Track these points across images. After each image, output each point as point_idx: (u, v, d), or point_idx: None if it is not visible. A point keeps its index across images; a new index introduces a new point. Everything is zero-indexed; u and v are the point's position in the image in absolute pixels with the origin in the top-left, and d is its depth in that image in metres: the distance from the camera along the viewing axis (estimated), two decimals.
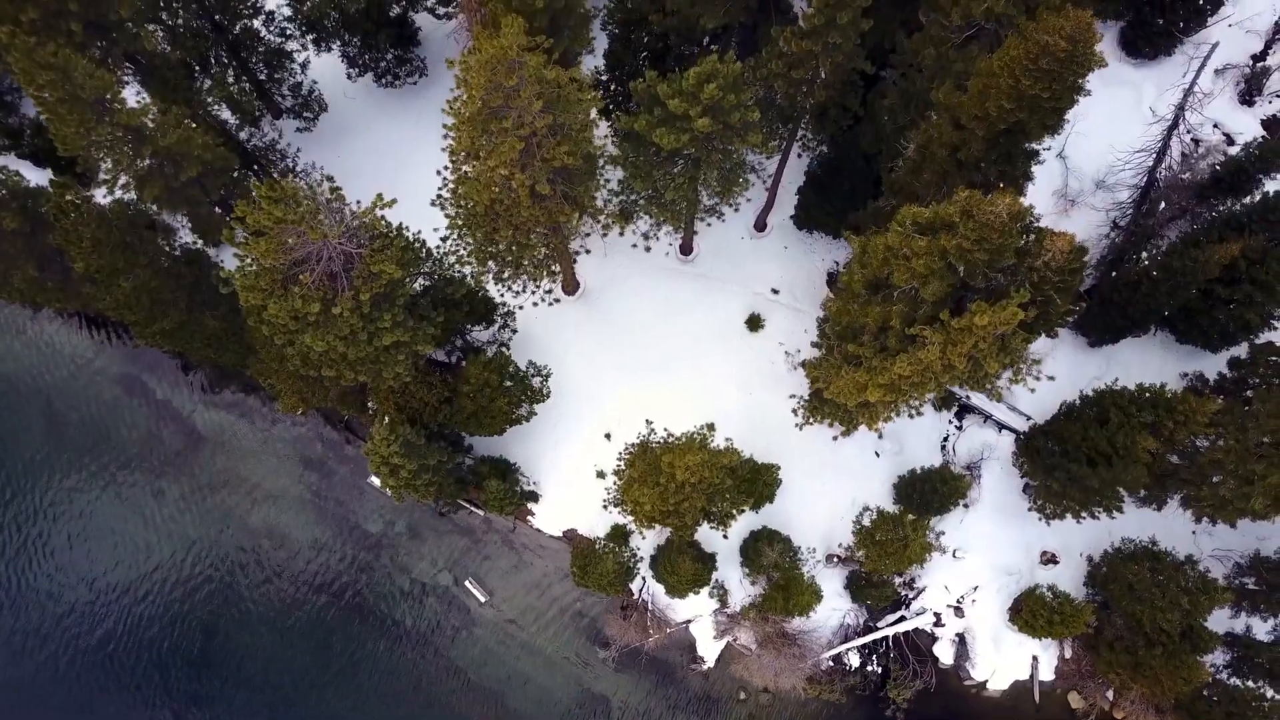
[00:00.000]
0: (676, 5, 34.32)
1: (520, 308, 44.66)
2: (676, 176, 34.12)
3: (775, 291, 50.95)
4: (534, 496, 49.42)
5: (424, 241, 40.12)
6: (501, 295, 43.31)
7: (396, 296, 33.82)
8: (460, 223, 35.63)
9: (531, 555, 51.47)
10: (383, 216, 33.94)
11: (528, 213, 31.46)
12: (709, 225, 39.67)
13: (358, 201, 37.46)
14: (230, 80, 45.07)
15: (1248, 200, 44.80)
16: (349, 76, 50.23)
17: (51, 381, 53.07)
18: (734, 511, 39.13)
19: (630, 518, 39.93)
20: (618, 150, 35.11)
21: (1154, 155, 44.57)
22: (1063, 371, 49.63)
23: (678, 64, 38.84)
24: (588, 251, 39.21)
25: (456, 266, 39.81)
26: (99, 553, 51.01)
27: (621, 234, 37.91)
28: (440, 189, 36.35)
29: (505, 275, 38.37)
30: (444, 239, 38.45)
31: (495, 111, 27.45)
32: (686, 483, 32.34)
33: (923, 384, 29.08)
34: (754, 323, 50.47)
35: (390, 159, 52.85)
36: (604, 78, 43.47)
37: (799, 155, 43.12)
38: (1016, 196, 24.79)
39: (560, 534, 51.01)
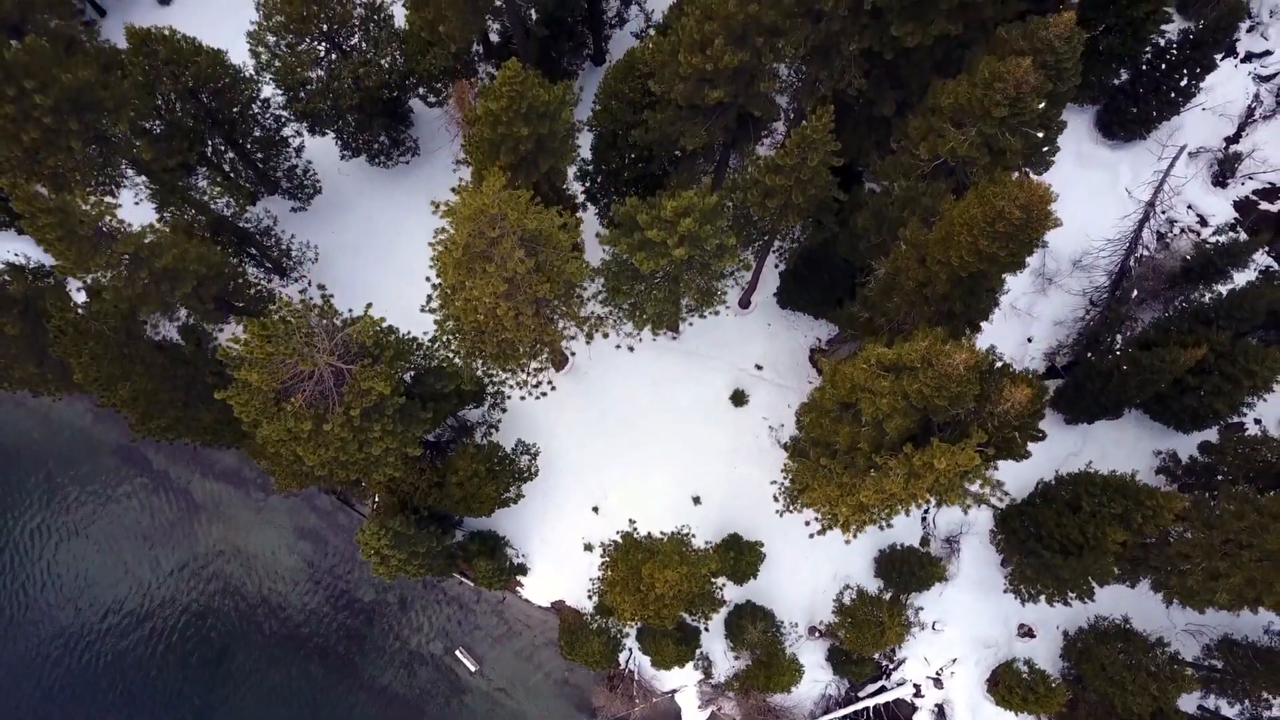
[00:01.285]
0: (657, 124, 35.45)
1: (509, 398, 45.81)
2: (656, 291, 35.26)
3: (759, 367, 52.09)
4: (523, 569, 50.58)
5: (415, 339, 41.40)
6: (490, 380, 44.40)
7: (386, 407, 34.90)
8: (448, 328, 36.71)
9: (520, 625, 52.54)
10: (374, 319, 35.00)
11: (512, 333, 32.56)
12: (690, 324, 40.79)
13: (349, 310, 38.85)
14: (227, 167, 46.31)
15: (1219, 288, 46.20)
16: (342, 157, 51.34)
17: (51, 451, 54.17)
18: (712, 612, 40.11)
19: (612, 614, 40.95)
20: (599, 264, 36.24)
21: (1127, 244, 45.78)
22: (1040, 448, 50.77)
23: (661, 171, 40.12)
24: (573, 354, 40.32)
25: (446, 358, 40.88)
26: (95, 619, 52.07)
27: (605, 337, 38.96)
28: (430, 295, 37.43)
29: (494, 371, 39.48)
30: (433, 340, 39.53)
31: (479, 255, 28.57)
32: (665, 595, 33.40)
33: (890, 508, 30.18)
34: (738, 398, 51.58)
35: (383, 234, 54.23)
36: (589, 169, 44.65)
37: (777, 253, 44.26)
38: (974, 348, 25.88)
39: (549, 605, 52.08)
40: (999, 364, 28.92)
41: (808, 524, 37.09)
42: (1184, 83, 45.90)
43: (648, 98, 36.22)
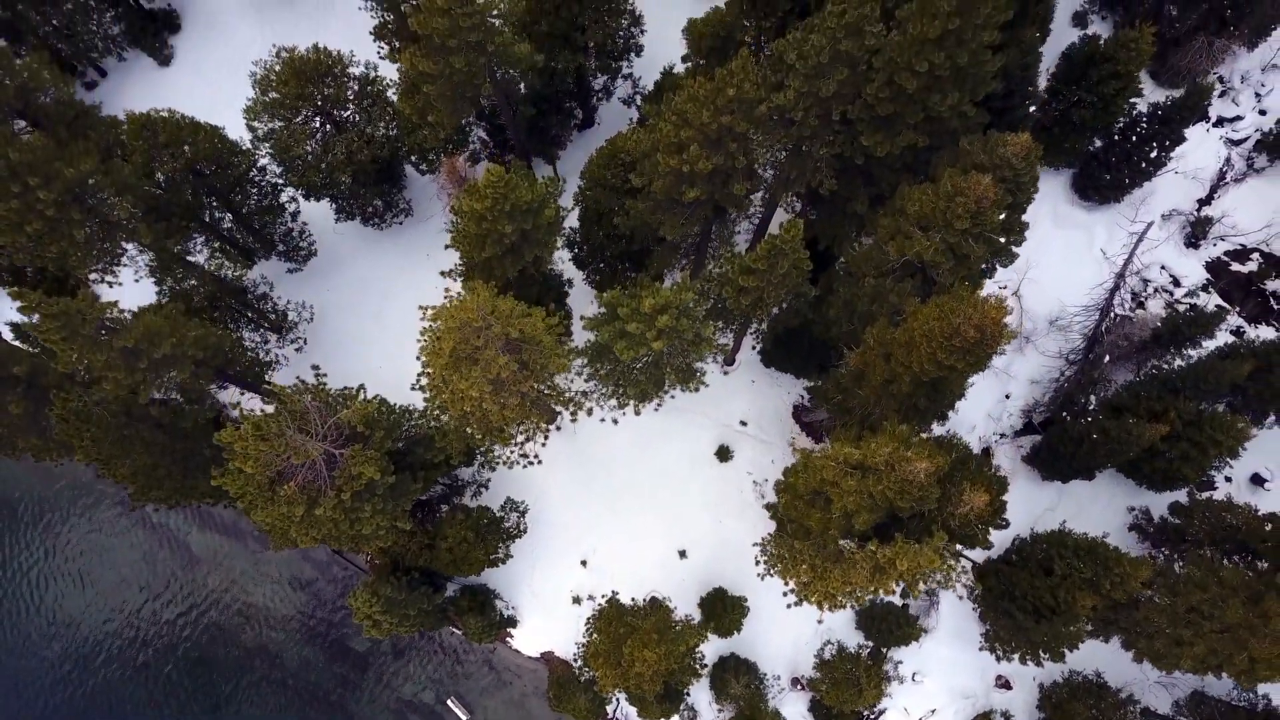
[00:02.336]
0: (638, 213, 36.76)
1: (499, 464, 47.16)
2: (638, 374, 36.55)
3: (744, 424, 53.35)
4: (512, 622, 51.86)
5: (407, 410, 42.73)
6: (479, 448, 45.74)
7: (377, 487, 36.18)
8: (438, 405, 37.95)
9: (511, 675, 53.80)
10: (366, 401, 36.30)
11: (498, 421, 33.86)
12: (673, 397, 42.10)
13: (345, 388, 40.20)
14: (225, 229, 47.61)
15: (1189, 352, 47.54)
16: (337, 220, 52.60)
17: (51, 504, 55.43)
18: (693, 680, 41.35)
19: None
20: (584, 344, 37.54)
21: (1100, 309, 47.09)
22: (1017, 503, 51.70)
23: (643, 248, 41.44)
24: (558, 428, 41.63)
25: (435, 430, 42.13)
26: (93, 665, 53.26)
27: (590, 414, 40.26)
28: (420, 375, 38.66)
29: (483, 446, 40.75)
30: (423, 414, 40.80)
31: (465, 358, 29.87)
32: (644, 673, 34.65)
33: (859, 596, 31.47)
34: (723, 454, 52.85)
35: (377, 291, 55.48)
36: (576, 237, 45.98)
37: (754, 334, 45.53)
38: (936, 455, 27.16)
39: (538, 655, 53.31)
40: (967, 447, 30.10)
41: (785, 594, 38.29)
42: (1154, 154, 47.20)
43: (629, 184, 37.51)
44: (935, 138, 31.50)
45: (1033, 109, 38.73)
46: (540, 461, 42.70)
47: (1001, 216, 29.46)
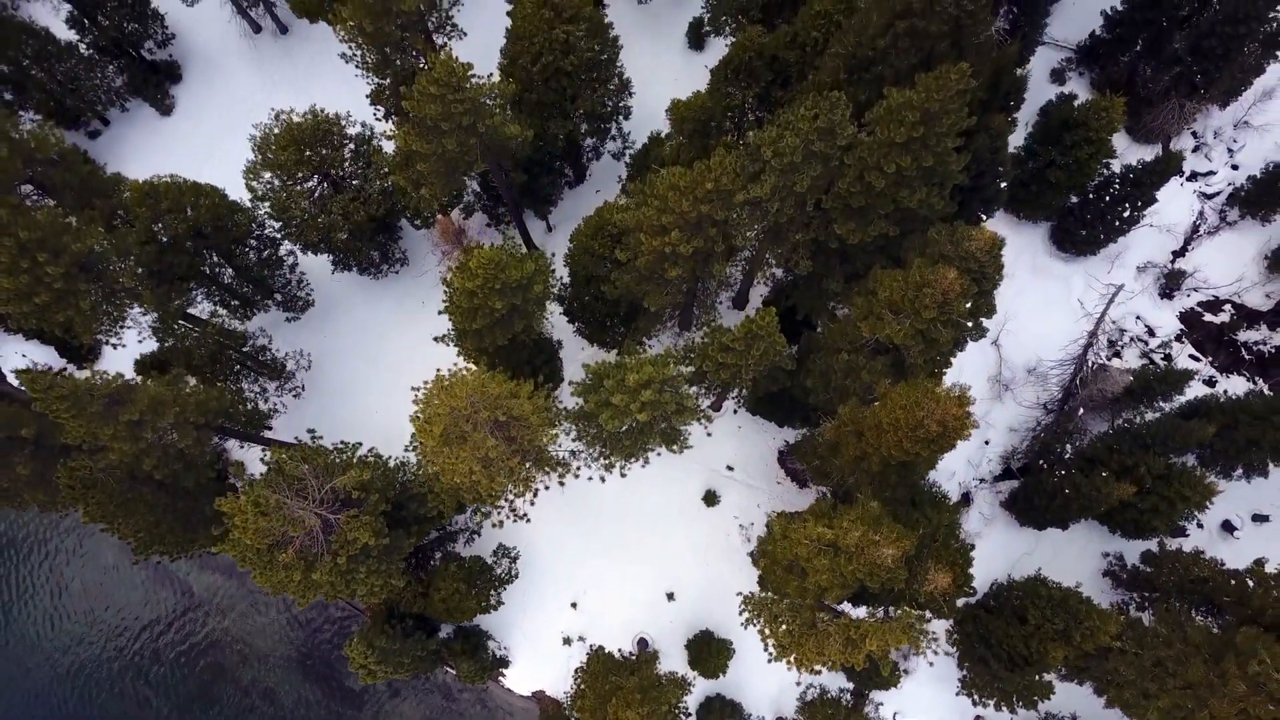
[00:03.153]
0: (624, 284, 38.19)
1: (490, 525, 48.66)
2: (623, 440, 37.97)
3: (730, 468, 54.77)
4: (504, 662, 53.22)
5: (402, 465, 44.17)
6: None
7: (372, 550, 37.57)
8: (430, 475, 39.32)
9: (503, 713, 55.23)
10: (360, 468, 37.69)
11: (487, 490, 35.28)
12: (659, 454, 43.51)
13: (341, 443, 41.67)
14: (226, 280, 49.00)
15: (1161, 404, 49.11)
16: (334, 271, 53.95)
17: (56, 546, 56.79)
18: None
19: None
20: (572, 410, 38.96)
21: (1074, 365, 48.60)
22: (996, 547, 53.82)
23: (629, 311, 42.87)
24: (546, 487, 43.06)
25: (429, 489, 43.50)
26: (96, 704, 54.63)
27: (576, 478, 41.68)
28: (413, 438, 40.00)
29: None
30: (417, 473, 42.20)
31: (455, 438, 31.29)
32: None
33: (832, 665, 32.93)
34: (710, 498, 54.27)
35: (373, 337, 56.92)
36: (566, 293, 47.43)
37: (734, 399, 46.87)
38: (903, 539, 28.61)
39: (530, 694, 54.72)
40: (945, 496, 31.52)
41: (768, 659, 39.64)
42: (1127, 214, 48.69)
43: (616, 255, 38.93)
44: (906, 224, 32.93)
45: (1004, 184, 40.08)
46: (529, 520, 44.01)
47: (968, 305, 30.92)
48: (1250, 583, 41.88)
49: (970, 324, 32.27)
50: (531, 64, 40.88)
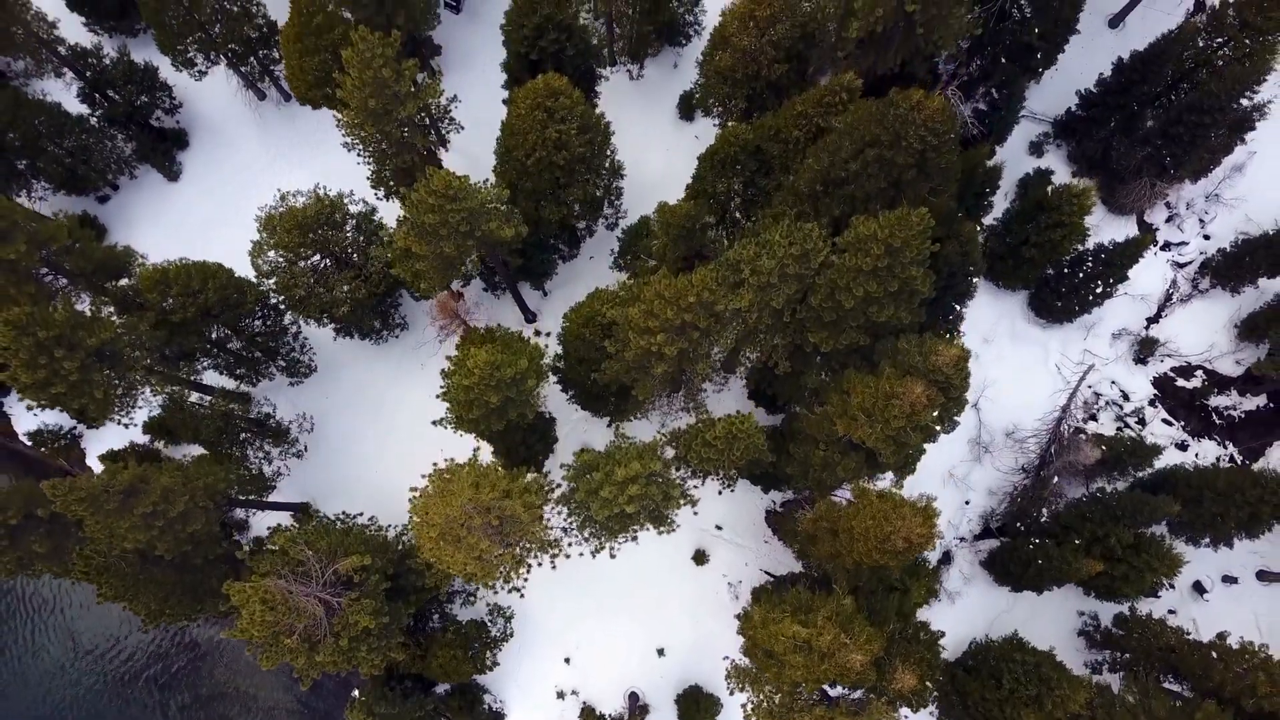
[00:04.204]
0: (613, 373, 40.06)
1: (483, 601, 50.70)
2: (611, 524, 39.82)
3: (719, 528, 56.61)
4: (500, 716, 55.03)
5: (401, 540, 46.01)
6: None
7: (373, 628, 39.39)
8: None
9: None
10: (365, 527, 39.50)
11: (482, 578, 37.14)
12: (647, 529, 45.35)
13: (343, 515, 43.48)
14: (234, 347, 50.88)
15: (1132, 474, 51.01)
16: (336, 337, 55.77)
17: (63, 597, 58.58)
18: None
19: None
20: (564, 494, 40.81)
21: (1049, 434, 50.48)
22: (975, 605, 55.73)
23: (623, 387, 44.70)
24: (539, 564, 44.87)
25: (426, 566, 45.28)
26: None
27: (568, 558, 43.47)
28: (410, 516, 41.80)
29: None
30: (415, 547, 43.96)
31: (451, 538, 33.14)
32: None
33: None
34: (700, 557, 56.12)
35: (373, 398, 58.76)
36: (560, 364, 49.27)
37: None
38: (872, 643, 30.45)
39: None
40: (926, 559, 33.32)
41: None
42: (1100, 289, 50.57)
43: (606, 345, 40.74)
44: (878, 332, 34.78)
45: (976, 280, 42.00)
46: (524, 595, 45.82)
47: (935, 414, 32.77)
48: (1214, 654, 43.72)
49: (939, 427, 34.10)
50: (525, 157, 42.75)
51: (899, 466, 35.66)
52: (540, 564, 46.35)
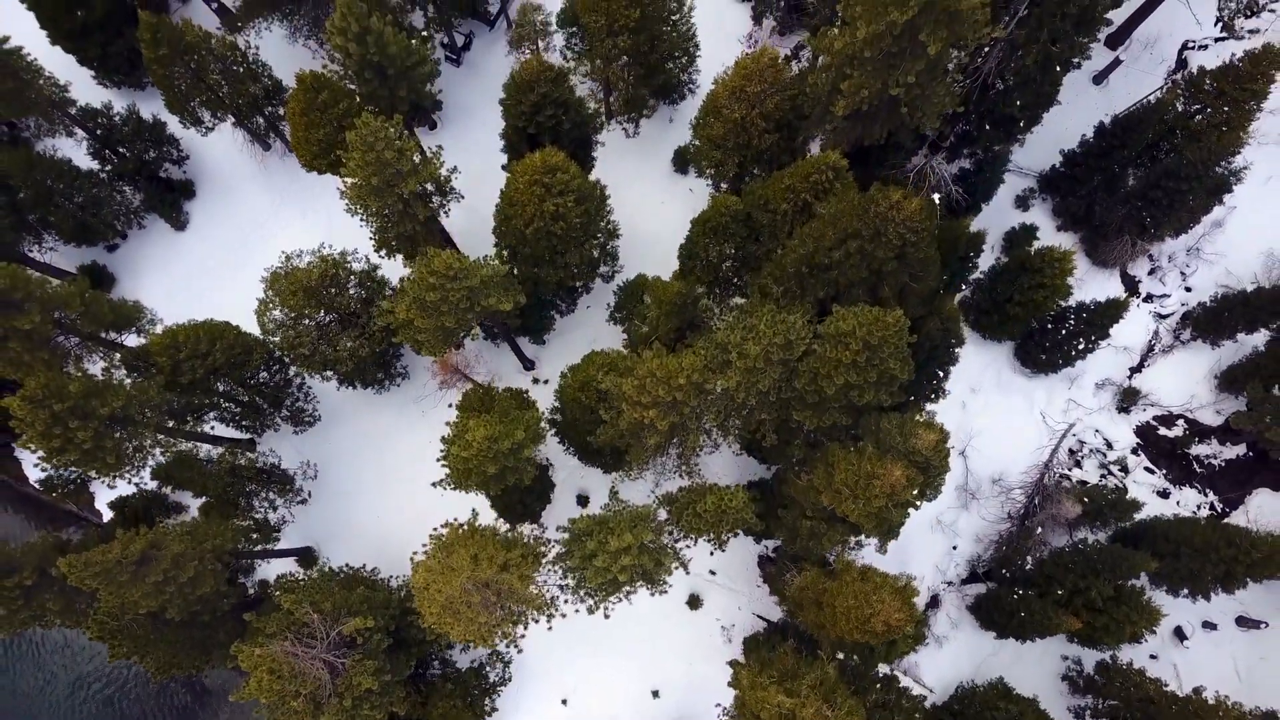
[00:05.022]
0: (608, 438, 41.50)
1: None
2: (605, 587, 41.23)
3: (713, 573, 58.00)
4: None
5: (404, 598, 47.39)
6: None
7: (376, 689, 40.81)
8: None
9: None
10: (364, 619, 40.93)
11: (481, 640, 38.57)
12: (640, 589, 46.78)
13: (346, 566, 44.84)
14: (242, 399, 52.32)
15: (1108, 529, 52.50)
16: (339, 387, 57.20)
17: (72, 637, 60.00)
18: None
19: None
20: (559, 555, 42.24)
21: (1033, 488, 51.91)
22: (962, 649, 57.11)
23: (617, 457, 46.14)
24: (536, 621, 46.30)
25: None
26: None
27: (564, 617, 44.88)
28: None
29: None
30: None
31: (450, 611, 34.59)
32: None
33: None
34: (694, 602, 57.53)
35: (374, 443, 60.20)
36: (557, 417, 50.71)
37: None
38: (855, 715, 31.83)
39: None
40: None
41: None
42: (1082, 346, 52.01)
43: (601, 413, 42.18)
44: (861, 411, 36.24)
45: (958, 349, 43.46)
46: (521, 651, 47.20)
47: (915, 492, 34.19)
48: (1190, 709, 45.11)
49: (919, 502, 35.52)
50: (524, 226, 44.16)
51: (883, 534, 37.06)
52: (537, 621, 47.92)
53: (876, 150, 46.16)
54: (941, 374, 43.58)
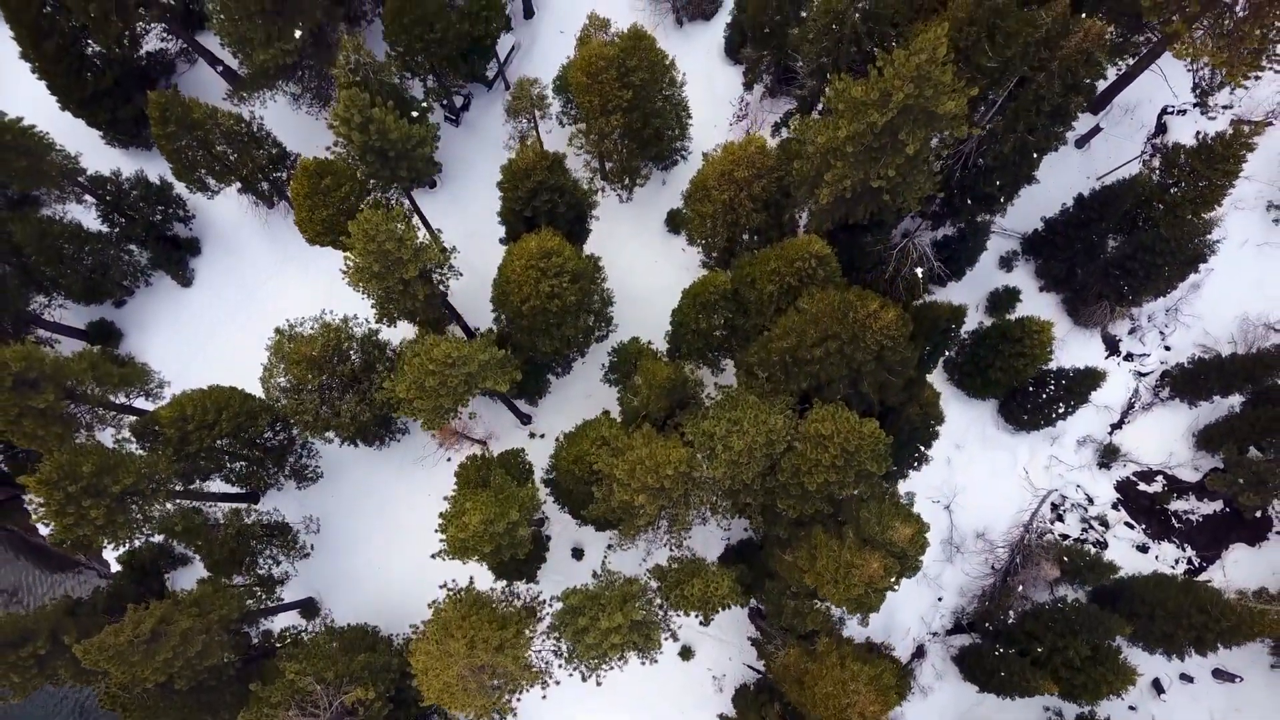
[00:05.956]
0: (601, 511, 43.10)
1: None
2: (597, 659, 42.84)
3: (704, 624, 59.36)
4: None
5: (406, 644, 48.96)
6: None
7: None
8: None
9: None
10: (365, 689, 42.58)
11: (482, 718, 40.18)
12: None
13: (348, 625, 46.40)
14: (246, 459, 53.94)
15: (1087, 587, 54.07)
16: (340, 445, 58.78)
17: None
18: None
19: None
20: (553, 623, 43.85)
21: (1014, 548, 53.51)
22: (947, 699, 58.69)
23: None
24: (529, 688, 47.87)
25: None
26: None
27: (558, 684, 46.47)
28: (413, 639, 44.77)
29: None
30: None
31: (450, 695, 36.21)
32: None
33: None
34: (686, 653, 59.12)
35: (374, 499, 61.87)
36: (552, 477, 52.31)
37: None
38: None
39: None
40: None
41: None
42: (1062, 410, 53.62)
43: (593, 490, 43.76)
44: (841, 503, 37.89)
45: (939, 427, 45.07)
46: (516, 715, 48.77)
47: (892, 578, 35.79)
48: None
49: (897, 586, 37.12)
50: (521, 303, 45.77)
51: (863, 613, 38.62)
52: (531, 689, 49.52)
53: (861, 228, 47.78)
54: (923, 448, 45.14)
